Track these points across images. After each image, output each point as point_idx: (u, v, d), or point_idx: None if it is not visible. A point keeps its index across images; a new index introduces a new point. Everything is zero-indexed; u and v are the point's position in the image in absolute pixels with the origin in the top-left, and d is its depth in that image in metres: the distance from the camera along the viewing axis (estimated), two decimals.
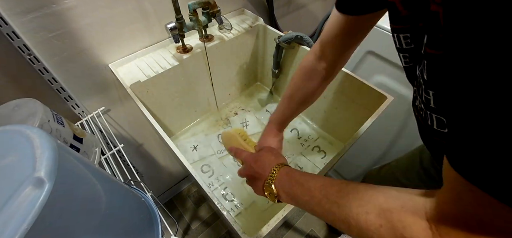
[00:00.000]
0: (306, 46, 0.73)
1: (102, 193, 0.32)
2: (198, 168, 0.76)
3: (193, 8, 0.62)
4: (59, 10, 0.52)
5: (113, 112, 0.76)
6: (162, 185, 1.19)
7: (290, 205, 0.43)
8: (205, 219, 1.20)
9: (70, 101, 0.64)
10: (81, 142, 0.52)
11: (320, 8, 1.20)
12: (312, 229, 1.19)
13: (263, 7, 0.94)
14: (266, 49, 0.86)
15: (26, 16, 0.49)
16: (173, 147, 0.50)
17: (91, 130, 0.66)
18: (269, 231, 0.41)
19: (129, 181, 0.52)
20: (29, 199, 0.22)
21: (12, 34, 0.49)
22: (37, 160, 0.25)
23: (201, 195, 1.28)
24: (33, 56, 0.53)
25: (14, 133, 0.28)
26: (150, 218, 0.46)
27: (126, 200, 0.41)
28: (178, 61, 0.69)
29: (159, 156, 1.04)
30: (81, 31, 0.57)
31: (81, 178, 0.30)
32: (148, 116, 0.56)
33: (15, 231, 0.21)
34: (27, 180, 0.23)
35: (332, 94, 0.73)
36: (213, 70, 0.79)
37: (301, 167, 0.77)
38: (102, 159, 0.60)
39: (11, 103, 0.47)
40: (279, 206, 0.42)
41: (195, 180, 0.46)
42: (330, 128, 0.82)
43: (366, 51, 0.78)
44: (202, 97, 0.84)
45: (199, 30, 0.67)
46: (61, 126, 0.48)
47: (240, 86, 0.95)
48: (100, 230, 0.30)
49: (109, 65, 0.65)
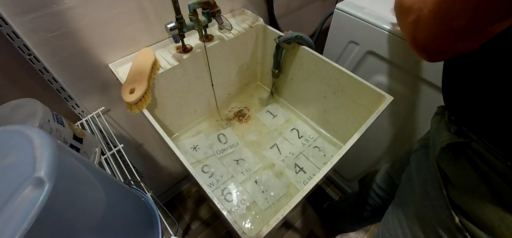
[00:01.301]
0: (306, 46, 0.73)
1: (102, 193, 0.32)
2: (198, 168, 0.77)
3: (193, 8, 0.62)
4: (59, 10, 0.52)
5: (113, 112, 0.76)
6: (162, 185, 1.19)
7: (290, 204, 0.43)
8: (205, 219, 1.20)
9: (70, 101, 0.64)
10: (81, 142, 0.52)
11: (320, 8, 1.20)
12: (312, 229, 1.19)
13: (263, 7, 0.95)
14: (266, 49, 0.86)
15: (26, 16, 0.49)
16: (173, 147, 0.50)
17: (91, 130, 0.66)
18: (269, 231, 0.41)
19: (129, 181, 0.52)
20: (29, 199, 0.22)
21: (12, 34, 0.49)
22: (37, 160, 0.25)
23: (201, 195, 1.28)
24: (33, 56, 0.53)
25: (14, 133, 0.28)
26: (150, 218, 0.46)
27: (126, 200, 0.41)
28: (178, 61, 0.69)
29: (159, 156, 1.04)
30: (81, 31, 0.57)
31: (81, 178, 0.30)
32: (148, 116, 0.56)
33: (15, 231, 0.21)
34: (27, 180, 0.23)
35: (332, 94, 0.74)
36: (213, 70, 0.79)
37: (301, 167, 0.77)
38: (102, 159, 0.60)
39: (11, 103, 0.47)
40: (279, 206, 0.42)
41: (195, 180, 0.46)
42: (330, 128, 0.82)
43: (366, 51, 0.78)
44: (202, 97, 0.84)
45: (199, 30, 0.68)
46: (61, 126, 0.48)
47: (240, 86, 0.95)
48: (100, 230, 0.30)
49: (109, 65, 0.65)
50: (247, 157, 0.79)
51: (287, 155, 0.79)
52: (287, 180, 0.74)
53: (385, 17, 0.71)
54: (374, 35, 0.72)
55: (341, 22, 0.80)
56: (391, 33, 0.68)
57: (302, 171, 0.76)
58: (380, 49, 0.73)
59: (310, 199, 1.26)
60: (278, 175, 0.75)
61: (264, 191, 0.72)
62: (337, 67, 0.67)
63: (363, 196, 0.83)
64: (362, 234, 1.18)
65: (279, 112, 0.90)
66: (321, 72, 0.73)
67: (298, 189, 0.72)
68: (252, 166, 0.77)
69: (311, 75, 0.76)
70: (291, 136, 0.84)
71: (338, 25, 0.82)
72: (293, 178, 0.75)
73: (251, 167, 0.77)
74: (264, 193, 0.71)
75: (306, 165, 0.77)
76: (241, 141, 0.83)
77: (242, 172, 0.76)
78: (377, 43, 0.73)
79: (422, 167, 0.48)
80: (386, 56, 0.73)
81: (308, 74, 0.77)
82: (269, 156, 0.79)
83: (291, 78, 0.84)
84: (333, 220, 1.13)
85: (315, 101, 0.81)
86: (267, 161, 0.79)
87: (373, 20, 0.71)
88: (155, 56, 0.65)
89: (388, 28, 0.69)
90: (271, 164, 0.78)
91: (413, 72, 0.68)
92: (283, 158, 0.79)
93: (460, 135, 0.37)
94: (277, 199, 0.70)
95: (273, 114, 0.90)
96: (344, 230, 1.15)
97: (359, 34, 0.77)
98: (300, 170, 0.76)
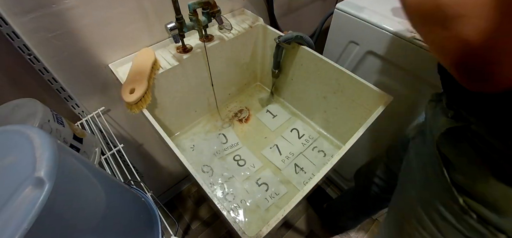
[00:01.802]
0: (306, 46, 0.73)
1: (102, 193, 0.32)
2: (198, 168, 0.77)
3: (193, 8, 0.62)
4: (59, 10, 0.52)
5: (113, 112, 0.76)
6: (162, 185, 1.19)
7: (290, 204, 0.43)
8: (205, 219, 1.20)
9: (70, 101, 0.64)
10: (81, 142, 0.52)
11: (320, 8, 1.20)
12: (312, 229, 1.19)
13: (263, 7, 0.95)
14: (266, 49, 0.86)
15: (26, 16, 0.49)
16: (173, 147, 0.50)
17: (91, 130, 0.66)
18: (269, 231, 0.41)
19: (129, 181, 0.52)
20: (29, 199, 0.22)
21: (12, 34, 0.49)
22: (37, 160, 0.25)
23: (201, 195, 1.28)
24: (33, 56, 0.53)
25: (14, 133, 0.28)
26: (150, 218, 0.46)
27: (126, 200, 0.41)
28: (178, 61, 0.69)
29: (159, 156, 1.04)
30: (81, 31, 0.57)
31: (81, 178, 0.30)
32: (148, 116, 0.56)
33: (15, 231, 0.21)
34: (27, 180, 0.23)
35: (332, 94, 0.74)
36: (213, 70, 0.79)
37: (301, 167, 0.77)
38: (102, 159, 0.60)
39: (11, 103, 0.47)
40: (279, 206, 0.42)
41: (195, 180, 0.46)
42: (330, 128, 0.82)
43: (366, 51, 0.78)
44: (202, 97, 0.84)
45: (199, 30, 0.68)
46: (61, 126, 0.48)
47: (240, 86, 0.95)
48: (100, 230, 0.30)
49: (109, 65, 0.65)
50: (247, 157, 0.79)
51: (287, 155, 0.79)
52: (287, 180, 0.74)
53: (386, 17, 0.71)
54: (374, 35, 0.72)
55: (341, 22, 0.80)
56: (391, 33, 0.68)
57: (302, 171, 0.76)
58: (380, 49, 0.73)
59: (310, 199, 1.26)
60: (278, 175, 0.75)
61: (264, 191, 0.72)
62: (337, 67, 0.67)
63: (361, 188, 0.83)
64: (362, 234, 1.18)
65: (279, 113, 0.90)
66: (321, 72, 0.73)
67: (298, 189, 0.72)
68: (252, 166, 0.77)
69: (311, 75, 0.76)
70: (291, 136, 0.84)
71: (338, 25, 0.82)
72: (293, 178, 0.75)
73: (251, 167, 0.77)
74: (264, 193, 0.71)
75: (306, 165, 0.77)
76: (241, 141, 0.83)
77: (242, 172, 0.76)
78: (377, 43, 0.73)
79: (421, 153, 0.48)
80: (386, 56, 0.73)
81: (308, 74, 0.77)
82: (269, 156, 0.79)
83: (291, 78, 0.84)
84: (333, 219, 1.13)
85: (315, 101, 0.81)
86: (267, 161, 0.79)
87: (373, 20, 0.71)
88: (155, 56, 0.65)
89: (388, 28, 0.69)
90: (271, 164, 0.78)
91: (413, 72, 0.68)
92: (283, 158, 0.79)
93: (458, 119, 0.38)
94: (277, 199, 0.70)
95: (273, 115, 0.90)
96: (345, 226, 1.15)
97: (359, 34, 0.77)
98: (300, 170, 0.76)
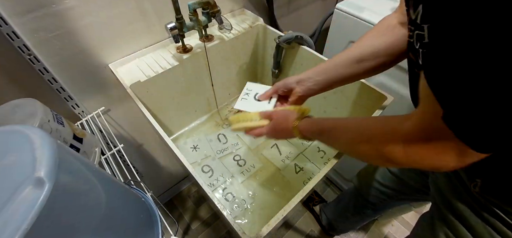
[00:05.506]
0: (306, 46, 0.73)
1: (102, 193, 0.32)
2: (198, 168, 0.77)
3: (193, 8, 0.62)
4: (59, 10, 0.52)
5: (113, 112, 0.76)
6: (162, 185, 1.19)
7: (290, 204, 0.44)
8: (205, 219, 1.20)
9: (70, 101, 0.64)
10: (81, 142, 0.52)
11: (320, 8, 1.20)
12: (312, 229, 1.19)
13: (263, 7, 0.94)
14: (266, 49, 0.86)
15: (26, 16, 0.49)
16: (173, 147, 0.50)
17: (91, 130, 0.66)
18: (269, 231, 0.41)
19: (129, 181, 0.52)
20: (29, 199, 0.22)
21: (12, 34, 0.49)
22: (37, 160, 0.24)
23: (201, 195, 1.28)
24: (33, 56, 0.53)
25: (14, 133, 0.28)
26: (150, 218, 0.46)
27: (126, 200, 0.41)
28: (178, 61, 0.69)
29: (159, 156, 1.03)
30: (81, 31, 0.57)
31: (81, 178, 0.30)
32: (148, 116, 0.56)
33: (15, 231, 0.20)
34: (27, 180, 0.23)
35: (332, 94, 0.73)
36: (213, 70, 0.79)
37: (301, 167, 0.77)
38: (102, 159, 0.60)
39: (11, 103, 0.47)
40: (279, 206, 0.42)
41: (195, 180, 0.46)
42: None
43: None
44: (202, 97, 0.84)
45: (199, 30, 0.67)
46: (61, 126, 0.48)
47: (240, 86, 0.94)
48: (100, 230, 0.30)
49: (109, 65, 0.65)
50: (247, 157, 0.79)
51: (287, 155, 0.79)
52: (287, 180, 0.74)
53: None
54: None
55: (341, 22, 0.80)
56: None
57: (302, 171, 0.76)
58: None
59: (307, 204, 1.24)
60: (278, 175, 0.75)
61: (264, 191, 0.72)
62: None
63: (363, 194, 0.82)
64: (362, 234, 1.18)
65: None
66: None
67: (298, 189, 0.72)
68: (252, 166, 0.77)
69: None
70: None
71: (338, 25, 0.82)
72: (293, 178, 0.75)
73: (251, 167, 0.77)
74: (264, 193, 0.71)
75: (306, 165, 0.77)
76: (241, 141, 0.83)
77: (242, 172, 0.76)
78: None
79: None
80: None
81: None
82: (269, 156, 0.79)
83: None
84: (333, 224, 1.11)
85: (315, 101, 0.80)
86: (267, 161, 0.79)
87: (373, 20, 0.71)
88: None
89: None
90: (271, 164, 0.78)
91: None
92: (283, 158, 0.79)
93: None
94: (277, 199, 0.70)
95: None
96: (344, 230, 1.15)
97: (359, 34, 0.77)
98: (300, 170, 0.76)
